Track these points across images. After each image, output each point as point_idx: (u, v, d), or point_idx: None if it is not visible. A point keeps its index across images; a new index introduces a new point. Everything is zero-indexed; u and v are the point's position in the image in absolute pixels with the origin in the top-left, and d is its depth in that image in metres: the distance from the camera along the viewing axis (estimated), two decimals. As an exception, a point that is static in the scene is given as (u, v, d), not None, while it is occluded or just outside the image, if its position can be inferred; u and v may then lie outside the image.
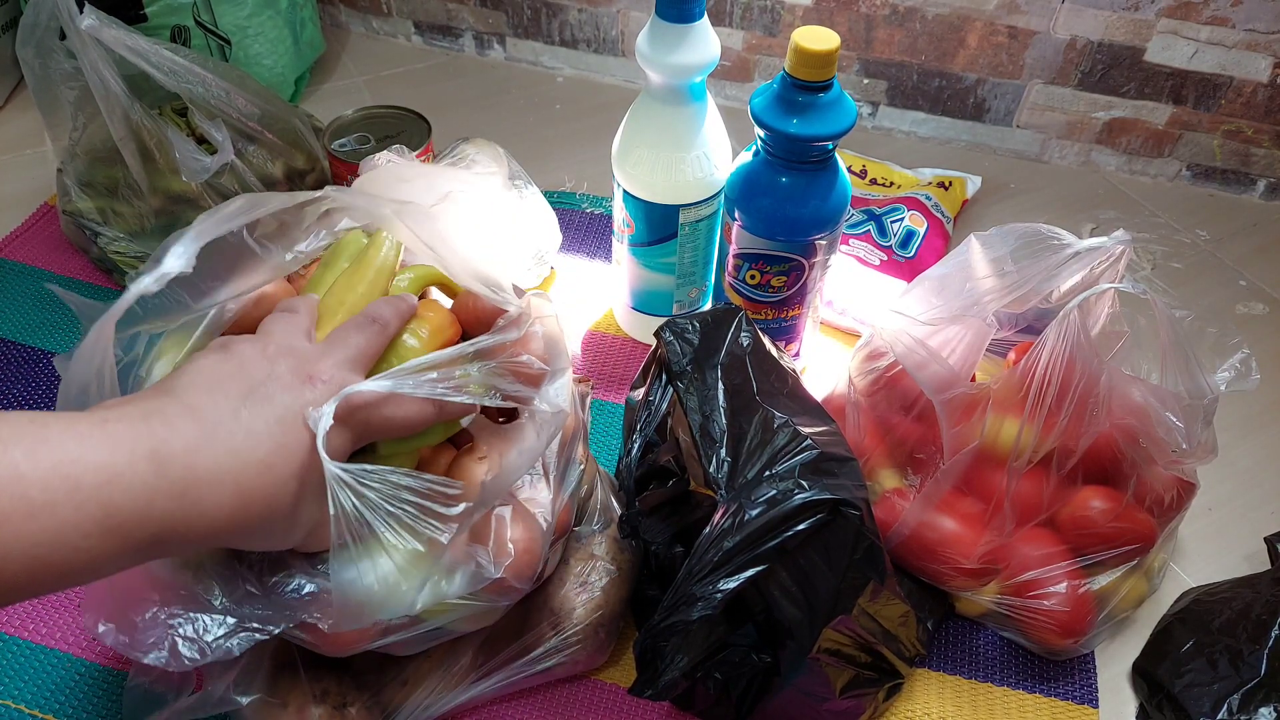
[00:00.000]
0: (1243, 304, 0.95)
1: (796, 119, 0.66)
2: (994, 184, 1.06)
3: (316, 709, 0.56)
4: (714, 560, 0.52)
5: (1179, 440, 0.59)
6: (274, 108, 0.87)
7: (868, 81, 1.09)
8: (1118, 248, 0.59)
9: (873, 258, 0.90)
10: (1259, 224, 1.04)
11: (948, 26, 1.02)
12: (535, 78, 1.19)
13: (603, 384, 0.83)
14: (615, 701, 0.64)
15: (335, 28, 1.25)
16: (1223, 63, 0.97)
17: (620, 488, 0.68)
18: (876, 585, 0.56)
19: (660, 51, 0.68)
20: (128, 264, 0.85)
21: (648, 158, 0.73)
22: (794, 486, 0.52)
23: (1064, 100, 1.04)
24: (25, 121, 1.07)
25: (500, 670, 0.60)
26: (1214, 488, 0.76)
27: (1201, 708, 0.61)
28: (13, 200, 0.97)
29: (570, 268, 0.94)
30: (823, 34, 0.64)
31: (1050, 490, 0.62)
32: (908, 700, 0.64)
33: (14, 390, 0.80)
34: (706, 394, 0.58)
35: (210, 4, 0.97)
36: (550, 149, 1.07)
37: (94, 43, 0.73)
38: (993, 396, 0.59)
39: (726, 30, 1.09)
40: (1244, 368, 0.61)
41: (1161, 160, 1.07)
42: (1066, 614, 0.62)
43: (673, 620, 0.53)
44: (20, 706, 0.62)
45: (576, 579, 0.62)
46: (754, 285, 0.75)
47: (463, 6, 1.18)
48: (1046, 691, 0.65)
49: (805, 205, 0.70)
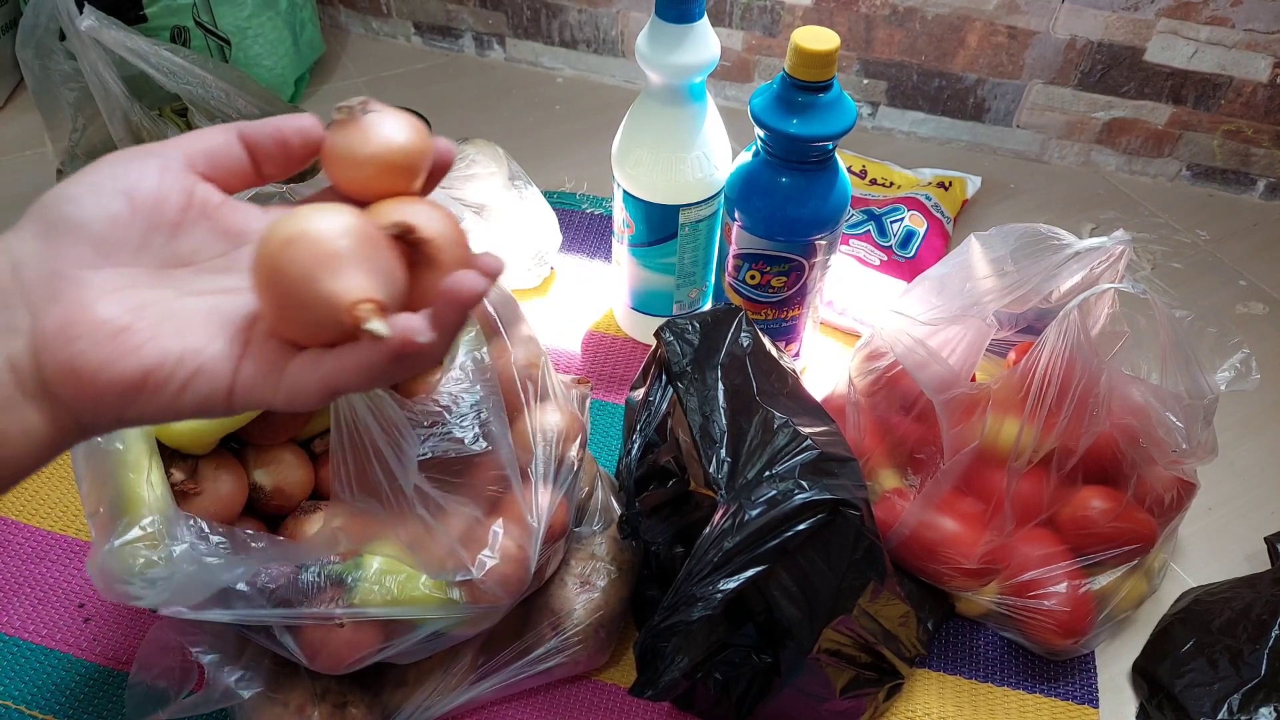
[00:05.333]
0: (1243, 304, 0.95)
1: (796, 119, 0.66)
2: (994, 184, 1.06)
3: (316, 708, 0.56)
4: (714, 560, 0.52)
5: (1179, 440, 0.59)
6: (274, 109, 0.87)
7: (868, 81, 1.09)
8: (1118, 248, 0.59)
9: (873, 258, 0.90)
10: (1259, 224, 1.04)
11: (948, 26, 1.02)
12: (535, 78, 1.19)
13: (603, 384, 0.83)
14: (615, 702, 0.64)
15: (335, 29, 1.25)
16: (1222, 63, 0.97)
17: (620, 488, 0.68)
18: (876, 585, 0.56)
19: (660, 52, 0.68)
20: (128, 264, 0.85)
21: (648, 158, 0.73)
22: (794, 487, 0.52)
23: (1064, 100, 1.04)
24: (25, 122, 1.07)
25: (501, 671, 0.60)
26: (1214, 488, 0.76)
27: (1202, 708, 0.61)
28: (13, 200, 0.97)
29: (570, 268, 0.94)
30: (823, 34, 0.64)
31: (1050, 490, 0.62)
32: (908, 700, 0.64)
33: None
34: (706, 394, 0.58)
35: (210, 5, 0.97)
36: (550, 149, 1.07)
37: (94, 44, 0.73)
38: (993, 396, 0.59)
39: (726, 30, 1.09)
40: (1244, 368, 0.61)
41: (1161, 160, 1.07)
42: (1067, 614, 0.62)
43: (673, 620, 0.53)
44: (20, 707, 0.62)
45: (577, 579, 0.62)
46: (754, 285, 0.75)
47: (463, 7, 1.18)
48: (1047, 691, 0.65)
49: (805, 205, 0.70)
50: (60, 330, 0.28)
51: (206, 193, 0.31)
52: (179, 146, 0.31)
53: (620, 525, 0.65)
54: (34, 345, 0.28)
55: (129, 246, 0.29)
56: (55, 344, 0.28)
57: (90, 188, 0.29)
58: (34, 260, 0.28)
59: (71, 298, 0.28)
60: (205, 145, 0.31)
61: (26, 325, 0.28)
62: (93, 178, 0.29)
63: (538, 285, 0.91)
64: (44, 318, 0.28)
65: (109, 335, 0.28)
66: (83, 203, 0.28)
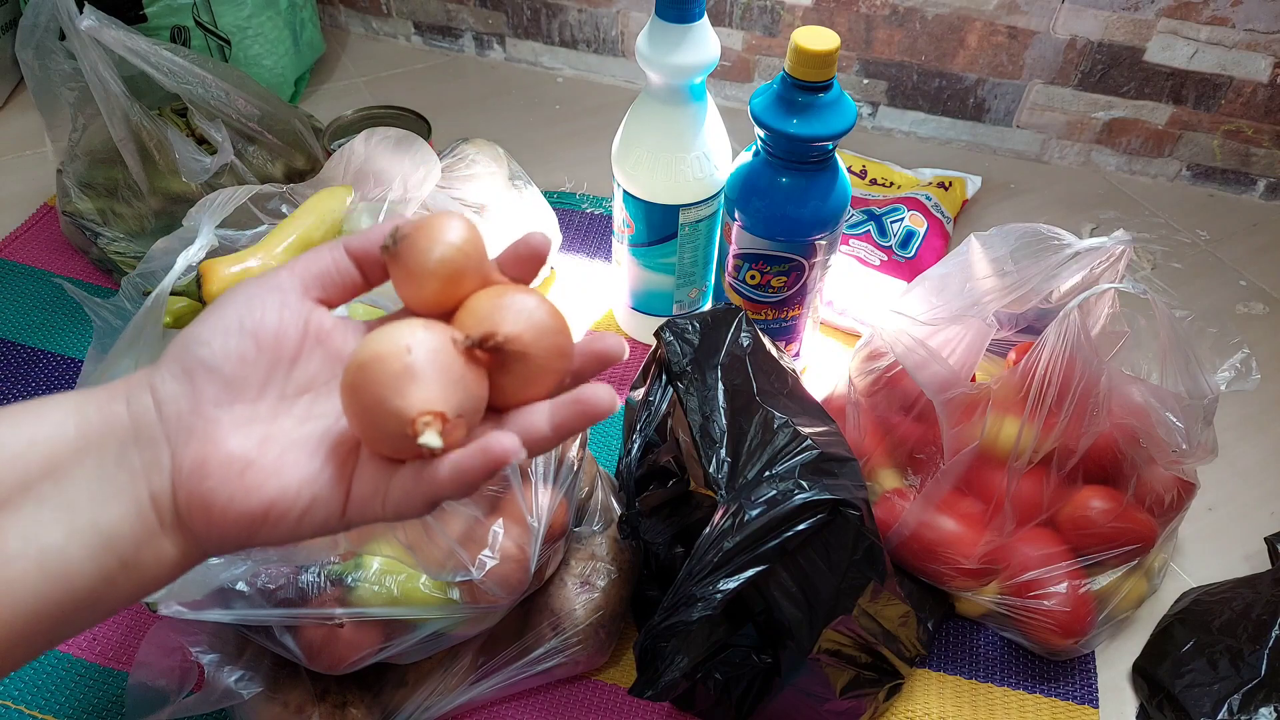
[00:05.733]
0: (1243, 304, 0.95)
1: (796, 119, 0.66)
2: (994, 184, 1.06)
3: (316, 708, 0.56)
4: (714, 561, 0.52)
5: (1179, 440, 0.59)
6: (274, 108, 0.87)
7: (868, 81, 1.09)
8: (1118, 248, 0.59)
9: (873, 258, 0.90)
10: (1259, 224, 1.03)
11: (948, 26, 1.02)
12: (535, 78, 1.19)
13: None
14: (615, 702, 0.64)
15: (335, 28, 1.25)
16: (1223, 63, 0.97)
17: (620, 488, 0.68)
18: (876, 585, 0.56)
19: (660, 52, 0.68)
20: (128, 264, 0.85)
21: (648, 158, 0.73)
22: (794, 487, 0.52)
23: (1064, 100, 1.04)
24: (25, 122, 1.07)
25: (500, 671, 0.60)
26: (1214, 488, 0.76)
27: (1202, 708, 0.61)
28: (13, 200, 0.97)
29: (570, 268, 0.94)
30: (823, 34, 0.64)
31: (1050, 490, 0.62)
32: (908, 700, 0.64)
33: (14, 390, 0.80)
34: (706, 394, 0.58)
35: (210, 4, 0.97)
36: (550, 149, 1.07)
37: (94, 43, 0.73)
38: (993, 396, 0.59)
39: (726, 30, 1.09)
40: (1244, 368, 0.61)
41: (1161, 160, 1.07)
42: (1067, 614, 0.62)
43: (673, 621, 0.53)
44: (20, 707, 0.62)
45: (577, 579, 0.62)
46: (754, 285, 0.75)
47: (463, 7, 1.18)
48: (1047, 691, 0.65)
49: (805, 205, 0.70)
50: (195, 468, 0.30)
51: (320, 319, 0.33)
52: (294, 275, 0.33)
53: (620, 525, 0.65)
54: (173, 481, 0.30)
55: (255, 383, 0.31)
56: (191, 481, 0.30)
57: (219, 330, 0.31)
58: (173, 400, 0.30)
59: (204, 435, 0.30)
60: (318, 270, 0.33)
61: (168, 462, 0.30)
62: (220, 319, 0.31)
63: (538, 285, 0.91)
64: (181, 455, 0.30)
65: (236, 472, 0.30)
66: (213, 345, 0.31)
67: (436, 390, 0.28)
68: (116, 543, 0.29)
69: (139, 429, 0.30)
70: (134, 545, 0.30)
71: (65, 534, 0.29)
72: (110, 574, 0.29)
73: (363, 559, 0.53)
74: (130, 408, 0.30)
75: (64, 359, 0.83)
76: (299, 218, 0.62)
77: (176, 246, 0.60)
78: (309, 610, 0.51)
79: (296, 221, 0.62)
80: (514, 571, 0.54)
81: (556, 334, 0.31)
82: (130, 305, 0.60)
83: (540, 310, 0.31)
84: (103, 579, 0.29)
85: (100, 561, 0.29)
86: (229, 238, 0.63)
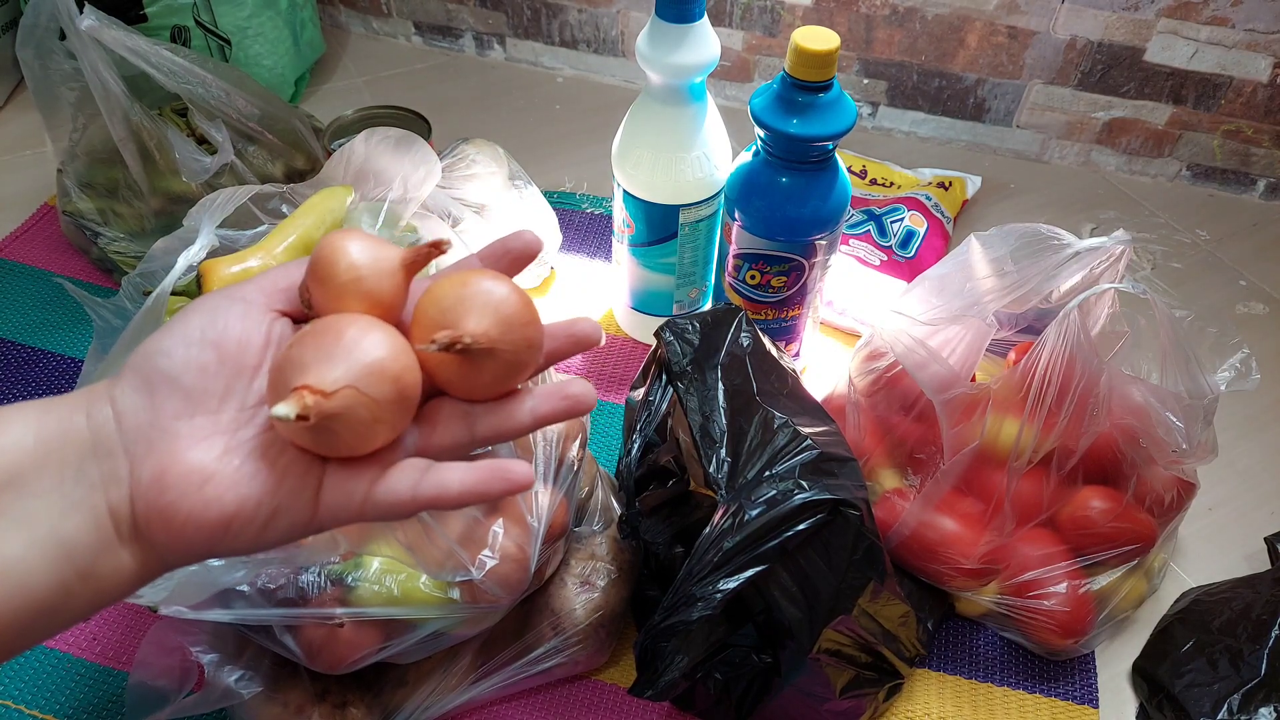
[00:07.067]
0: (1243, 304, 0.95)
1: (796, 119, 0.66)
2: (994, 184, 1.06)
3: (316, 708, 0.56)
4: (714, 560, 0.52)
5: (1179, 440, 0.59)
6: (274, 108, 0.87)
7: (868, 81, 1.09)
8: (1118, 248, 0.59)
9: (873, 258, 0.90)
10: (1259, 224, 1.03)
11: (948, 26, 1.02)
12: (535, 78, 1.19)
13: (603, 384, 0.83)
14: (615, 701, 0.64)
15: (335, 28, 1.25)
16: (1223, 62, 0.97)
17: (620, 488, 0.68)
18: (876, 585, 0.56)
19: (660, 52, 0.68)
20: (128, 264, 0.85)
21: (648, 158, 0.73)
22: (794, 486, 0.52)
23: (1064, 100, 1.04)
24: (25, 122, 1.07)
25: (500, 671, 0.60)
26: (1214, 488, 0.76)
27: (1202, 708, 0.61)
28: (13, 200, 0.97)
29: (570, 268, 0.94)
30: (823, 34, 0.64)
31: (1050, 490, 0.62)
32: (908, 700, 0.64)
33: (14, 390, 0.80)
34: (706, 394, 0.58)
35: (210, 4, 0.97)
36: (550, 149, 1.07)
37: (94, 43, 0.73)
38: (993, 396, 0.59)
39: (726, 30, 1.09)
40: (1244, 368, 0.61)
41: (1161, 160, 1.07)
42: (1066, 614, 0.62)
43: (673, 620, 0.53)
44: (20, 707, 0.62)
45: (577, 579, 0.62)
46: (754, 285, 0.75)
47: (463, 7, 1.18)
48: (1047, 691, 0.65)
49: (805, 205, 0.70)
50: (154, 481, 0.30)
51: (283, 329, 0.33)
52: (260, 289, 0.33)
53: (620, 525, 0.65)
54: (132, 494, 0.30)
55: (217, 394, 0.31)
56: (150, 494, 0.30)
57: (181, 340, 0.31)
58: (133, 412, 0.30)
59: (164, 449, 0.30)
60: (285, 284, 0.33)
61: (126, 474, 0.30)
62: (183, 329, 0.31)
63: (538, 285, 0.91)
64: (140, 467, 0.30)
65: (196, 486, 0.30)
66: (174, 356, 0.31)
67: (325, 370, 0.29)
68: (75, 554, 0.29)
69: (97, 441, 0.30)
70: (91, 557, 0.30)
71: (25, 544, 0.29)
72: (68, 585, 0.29)
73: (363, 559, 0.53)
74: (90, 419, 0.30)
75: (64, 359, 0.83)
76: (299, 218, 0.62)
77: (177, 246, 0.60)
78: (309, 610, 0.51)
79: (296, 221, 0.62)
80: (514, 571, 0.54)
81: (525, 326, 0.30)
82: (130, 305, 0.60)
83: (508, 302, 0.30)
84: (61, 590, 0.29)
85: (59, 572, 0.29)
86: (229, 238, 0.63)
